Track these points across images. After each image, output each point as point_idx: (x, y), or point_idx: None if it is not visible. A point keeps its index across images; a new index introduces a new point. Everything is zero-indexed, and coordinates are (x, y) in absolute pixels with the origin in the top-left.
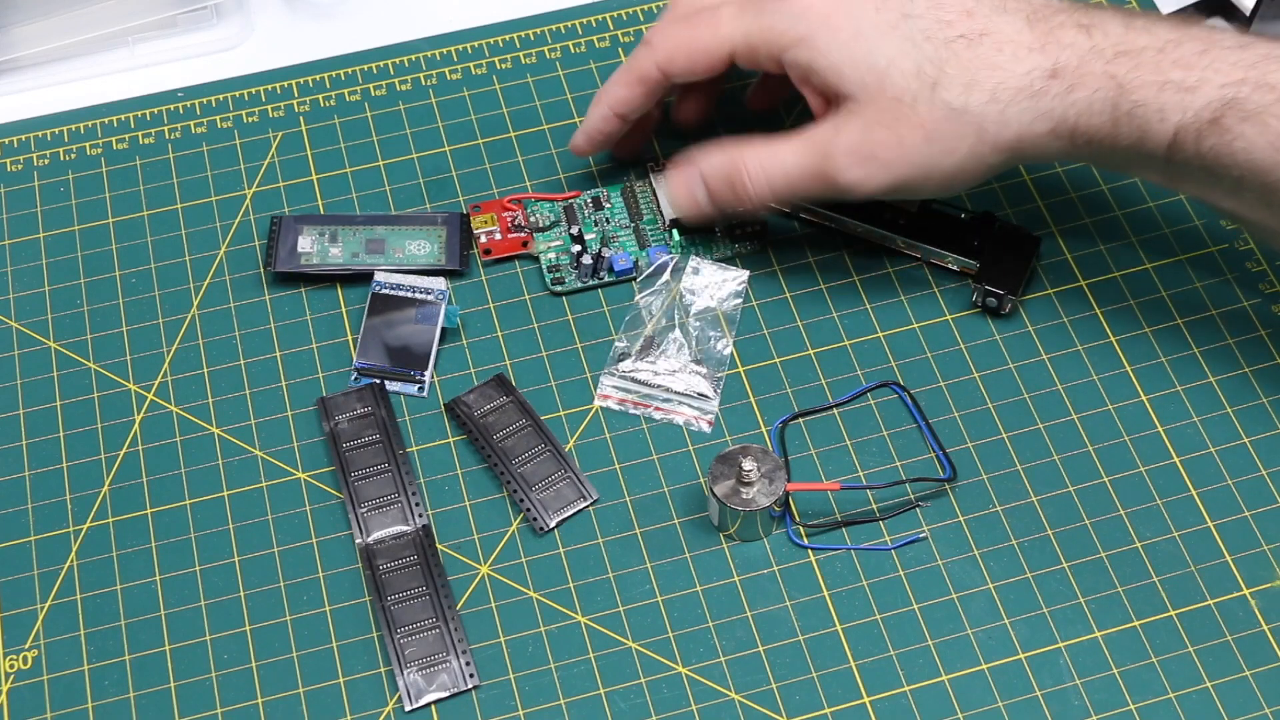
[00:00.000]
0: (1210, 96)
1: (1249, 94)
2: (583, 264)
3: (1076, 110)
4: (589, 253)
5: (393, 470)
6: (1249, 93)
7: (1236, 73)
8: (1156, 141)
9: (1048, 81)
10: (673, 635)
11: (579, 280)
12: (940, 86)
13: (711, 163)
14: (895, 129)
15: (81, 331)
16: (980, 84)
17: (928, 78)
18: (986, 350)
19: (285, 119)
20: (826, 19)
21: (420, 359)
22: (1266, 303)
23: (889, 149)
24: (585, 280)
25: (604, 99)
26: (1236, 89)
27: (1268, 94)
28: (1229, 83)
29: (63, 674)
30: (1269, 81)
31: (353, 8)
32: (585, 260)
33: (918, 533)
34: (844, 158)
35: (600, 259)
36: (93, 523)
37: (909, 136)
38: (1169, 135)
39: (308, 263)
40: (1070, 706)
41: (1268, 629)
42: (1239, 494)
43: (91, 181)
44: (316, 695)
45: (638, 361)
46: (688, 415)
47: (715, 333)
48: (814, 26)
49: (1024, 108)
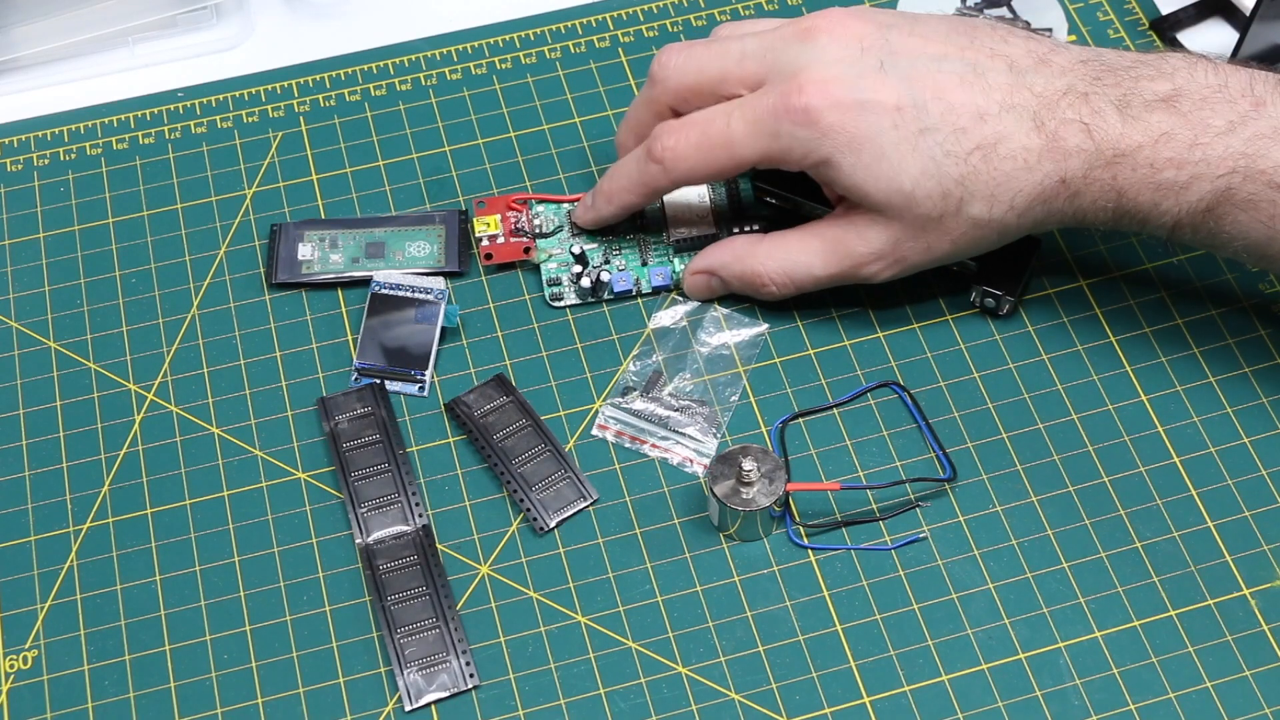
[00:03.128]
0: (1203, 192)
1: (1240, 184)
2: (582, 286)
3: (1083, 210)
4: (588, 275)
5: (393, 470)
6: (1239, 183)
7: (1227, 164)
8: (1157, 229)
9: (1057, 187)
10: (673, 635)
11: (578, 298)
12: (965, 204)
13: (730, 268)
14: (923, 240)
15: (81, 331)
16: (1000, 198)
17: (953, 198)
18: (986, 350)
19: (285, 119)
20: (849, 142)
21: (420, 359)
22: (1266, 303)
23: (917, 255)
24: (585, 299)
25: (616, 201)
26: (1228, 180)
27: (1258, 181)
28: (1221, 174)
29: (63, 674)
30: (1258, 168)
31: (353, 8)
32: (585, 283)
33: (918, 533)
34: (872, 264)
35: (600, 284)
36: (93, 523)
37: (936, 245)
38: (1168, 226)
39: (309, 271)
40: (1070, 706)
41: (1268, 629)
42: (1239, 494)
43: (91, 181)
44: (316, 695)
45: (642, 396)
46: (683, 456)
47: (727, 378)
48: (835, 149)
49: (1037, 211)
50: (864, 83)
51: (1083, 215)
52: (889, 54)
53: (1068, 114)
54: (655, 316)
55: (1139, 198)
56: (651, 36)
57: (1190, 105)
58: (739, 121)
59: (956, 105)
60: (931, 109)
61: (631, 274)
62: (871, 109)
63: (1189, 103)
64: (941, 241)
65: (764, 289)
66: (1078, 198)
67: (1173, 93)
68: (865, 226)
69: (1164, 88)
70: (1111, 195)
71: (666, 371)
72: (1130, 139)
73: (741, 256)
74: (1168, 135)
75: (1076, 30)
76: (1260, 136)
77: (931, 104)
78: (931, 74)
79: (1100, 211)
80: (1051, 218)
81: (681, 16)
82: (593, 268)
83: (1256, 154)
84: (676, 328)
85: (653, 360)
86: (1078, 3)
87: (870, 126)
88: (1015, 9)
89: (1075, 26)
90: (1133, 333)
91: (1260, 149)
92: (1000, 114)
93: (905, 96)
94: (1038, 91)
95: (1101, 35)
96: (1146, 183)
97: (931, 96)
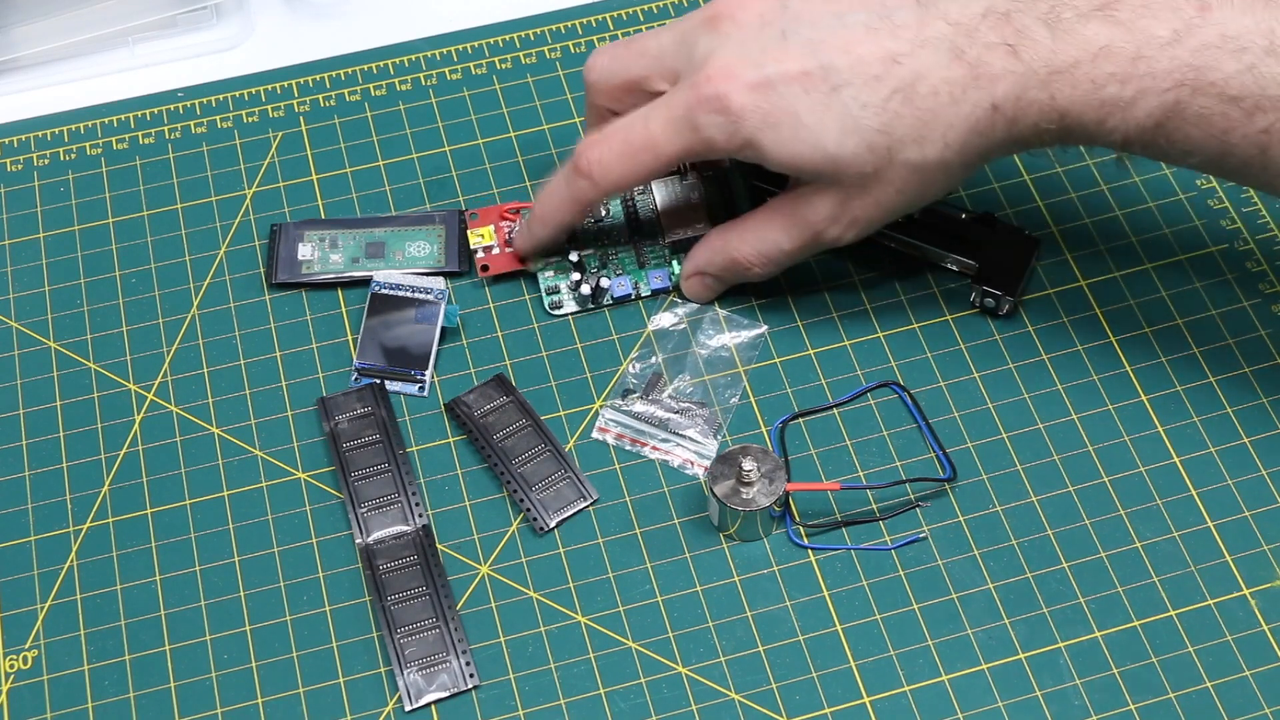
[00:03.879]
0: (1150, 107)
1: (1189, 97)
2: (581, 293)
3: (1024, 136)
4: (588, 282)
5: (393, 470)
6: (1189, 96)
7: (1174, 76)
8: (1107, 143)
9: (990, 114)
10: (673, 635)
11: (577, 305)
12: (894, 151)
13: (714, 262)
14: (868, 195)
15: (81, 331)
16: (930, 139)
17: (880, 149)
18: (986, 350)
19: (285, 119)
20: (764, 119)
21: (420, 359)
22: (1266, 303)
23: (869, 210)
24: (584, 306)
25: (550, 222)
26: (1176, 94)
27: (1208, 94)
28: (1168, 88)
29: (63, 674)
30: (1207, 79)
31: (353, 8)
32: (584, 290)
33: (918, 533)
34: (830, 228)
35: (600, 290)
36: (93, 523)
37: (883, 196)
38: (1117, 144)
39: (309, 271)
40: (1070, 706)
41: (1268, 629)
42: (1239, 494)
43: (91, 181)
44: (316, 695)
45: (642, 399)
46: (683, 458)
47: (726, 380)
48: (754, 129)
49: (977, 143)
50: (767, 57)
51: (1025, 141)
52: (790, 21)
53: (990, 37)
54: (655, 318)
55: (1083, 116)
56: None
57: (1130, 13)
58: (657, 122)
59: (865, 56)
60: (839, 65)
61: (629, 278)
62: (779, 81)
63: (1128, 10)
64: (887, 193)
65: (749, 273)
66: (1016, 124)
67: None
68: (811, 195)
69: None
70: (1053, 116)
71: (667, 373)
72: (1064, 55)
73: (720, 248)
74: (1107, 49)
75: None
76: (1208, 46)
77: (839, 60)
78: (835, 31)
79: (1043, 135)
80: (995, 148)
81: None
82: (591, 273)
83: (1205, 65)
84: (676, 329)
85: (653, 361)
86: None
87: (782, 99)
88: None
89: None
90: (1133, 333)
91: (1209, 60)
92: (914, 52)
93: (811, 61)
94: (953, 20)
95: None
96: (1089, 100)
97: (838, 53)
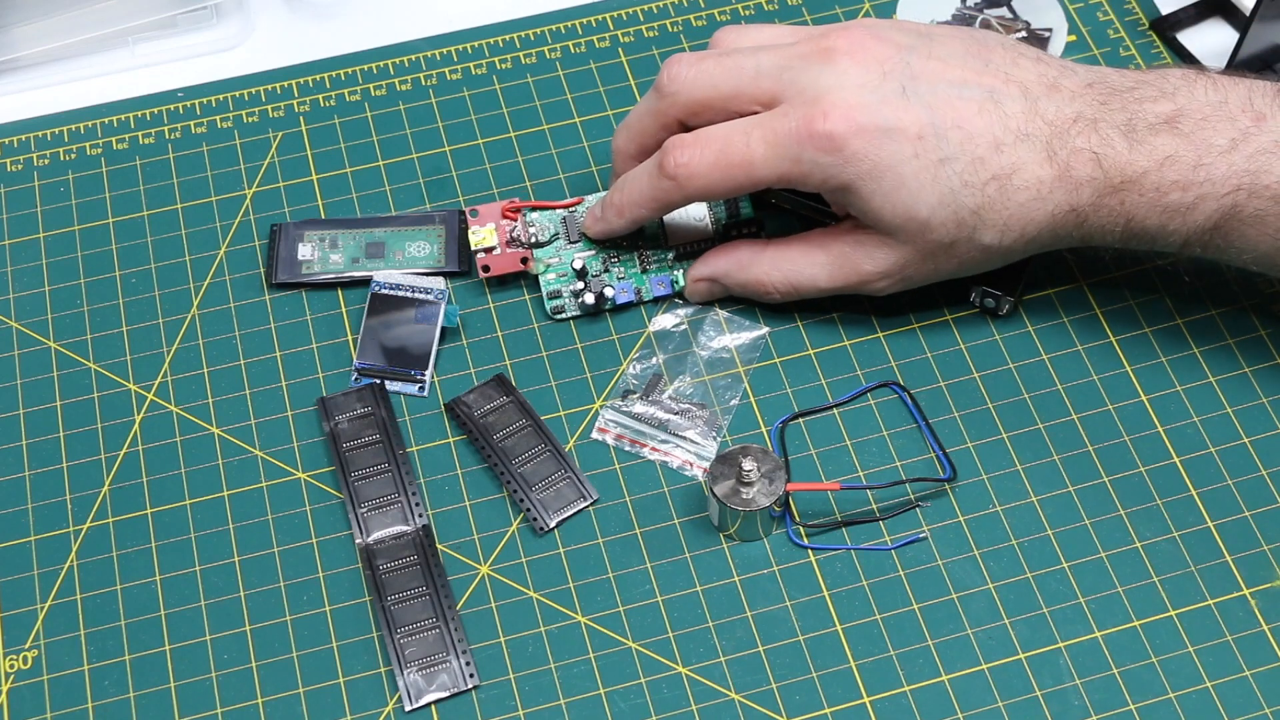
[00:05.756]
0: (1209, 211)
1: (1245, 200)
2: (584, 302)
3: (1089, 235)
4: (590, 290)
5: (393, 470)
6: (1245, 199)
7: (1231, 181)
8: (1166, 245)
9: (1067, 215)
10: (673, 635)
11: (579, 311)
12: (977, 231)
13: (733, 276)
14: (931, 263)
15: (81, 331)
16: (1012, 228)
17: (967, 227)
18: (986, 350)
19: (285, 119)
20: (871, 169)
21: (420, 359)
22: (1266, 303)
23: (924, 273)
24: (586, 312)
25: (628, 214)
26: (1233, 198)
27: (1263, 196)
28: (1226, 193)
29: (63, 674)
30: (1262, 183)
31: (353, 8)
32: (587, 299)
33: (918, 533)
34: (879, 281)
35: (602, 298)
36: (93, 523)
37: (944, 265)
38: (1176, 245)
39: (309, 271)
40: (1070, 706)
41: (1268, 629)
42: (1239, 494)
43: (91, 181)
44: (316, 695)
45: (642, 399)
46: (682, 459)
47: (727, 381)
48: (857, 176)
49: (1045, 238)
50: (887, 109)
51: (1089, 239)
52: (910, 78)
53: (1078, 142)
54: (655, 319)
55: (1146, 221)
56: (651, 36)
57: (1192, 125)
58: (759, 143)
59: (975, 134)
60: (951, 137)
61: (632, 284)
62: (895, 136)
63: (1190, 122)
64: (948, 263)
65: (767, 296)
66: (1085, 224)
67: (1175, 113)
68: (874, 247)
69: (1166, 108)
70: (1119, 220)
71: (667, 373)
72: (1136, 165)
73: (745, 265)
74: (1172, 158)
75: (1076, 30)
76: (1262, 152)
77: (951, 132)
78: (951, 101)
79: (1107, 235)
80: (1059, 242)
81: (681, 16)
82: (593, 278)
83: (1260, 170)
84: (677, 330)
85: (653, 362)
86: (1078, 3)
87: (892, 154)
88: (1015, 9)
89: (1075, 26)
90: (1133, 333)
91: (1263, 164)
92: (1015, 143)
93: (927, 124)
94: (1049, 119)
95: (1101, 35)
96: (1153, 206)
97: (951, 124)
